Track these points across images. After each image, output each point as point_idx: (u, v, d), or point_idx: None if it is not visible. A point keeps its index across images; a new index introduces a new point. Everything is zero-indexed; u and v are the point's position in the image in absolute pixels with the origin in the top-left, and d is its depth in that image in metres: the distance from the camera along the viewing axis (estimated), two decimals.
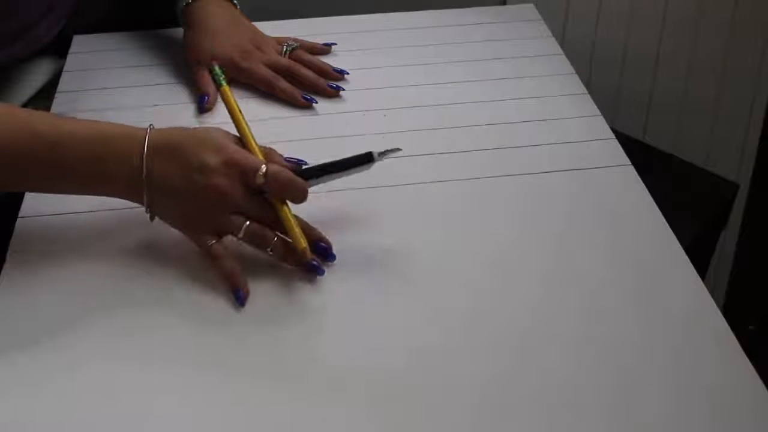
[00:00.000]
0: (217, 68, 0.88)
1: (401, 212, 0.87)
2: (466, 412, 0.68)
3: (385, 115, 1.00)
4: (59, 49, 1.10)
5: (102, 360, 0.72)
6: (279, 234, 0.78)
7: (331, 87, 1.03)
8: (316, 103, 1.02)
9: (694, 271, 0.80)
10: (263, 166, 0.77)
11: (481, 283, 0.79)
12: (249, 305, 0.77)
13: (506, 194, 0.89)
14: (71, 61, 1.09)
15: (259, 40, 1.06)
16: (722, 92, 1.51)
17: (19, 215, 0.86)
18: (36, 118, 0.79)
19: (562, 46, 1.13)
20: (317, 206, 0.80)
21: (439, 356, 0.72)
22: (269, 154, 0.81)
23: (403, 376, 0.71)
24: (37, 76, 1.08)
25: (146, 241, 0.82)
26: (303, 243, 0.77)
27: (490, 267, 0.81)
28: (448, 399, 0.69)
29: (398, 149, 0.80)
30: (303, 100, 1.01)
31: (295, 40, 1.08)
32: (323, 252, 0.79)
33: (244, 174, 0.77)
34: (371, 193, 0.88)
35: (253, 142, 0.81)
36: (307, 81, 1.04)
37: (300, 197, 0.78)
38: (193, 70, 1.04)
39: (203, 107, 1.00)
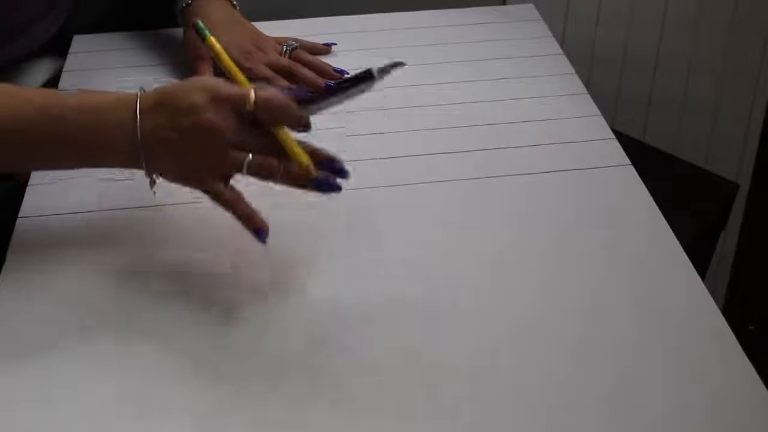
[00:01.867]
0: (199, 22, 0.86)
1: (401, 212, 0.87)
2: (466, 411, 0.68)
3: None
4: (59, 49, 1.10)
5: (101, 360, 0.72)
6: (285, 163, 0.75)
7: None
8: None
9: (694, 271, 0.80)
10: (252, 92, 0.74)
11: (481, 283, 0.79)
12: (249, 306, 0.77)
13: (506, 194, 0.89)
14: (71, 61, 1.09)
15: (259, 39, 1.06)
16: (722, 92, 1.51)
17: (19, 215, 0.86)
18: (35, 93, 0.78)
19: (562, 46, 1.13)
20: (317, 206, 0.80)
21: (438, 356, 0.72)
22: (263, 86, 0.77)
23: (403, 375, 0.71)
24: (37, 76, 1.08)
25: (146, 241, 0.82)
26: (305, 161, 0.74)
27: (490, 267, 0.81)
28: (447, 398, 0.69)
29: (400, 63, 0.76)
30: None
31: (295, 40, 1.08)
32: (336, 170, 0.76)
33: (234, 106, 0.74)
34: (371, 193, 0.88)
35: (243, 79, 0.79)
36: (306, 81, 1.04)
37: (296, 121, 0.75)
38: (193, 69, 1.04)
39: None
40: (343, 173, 0.76)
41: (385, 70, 0.75)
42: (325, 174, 0.75)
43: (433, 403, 0.69)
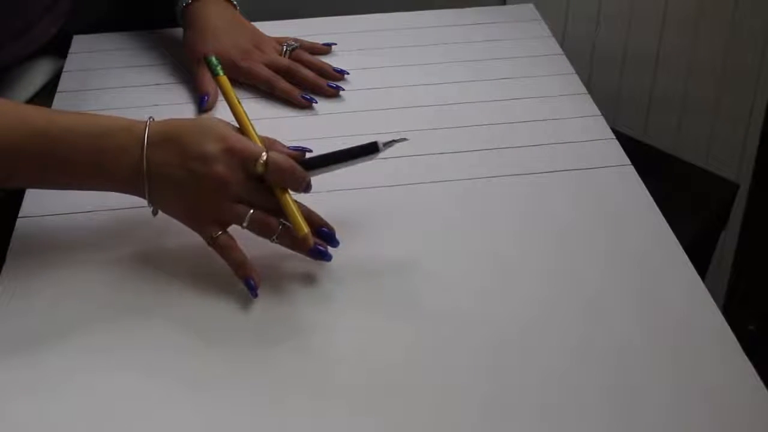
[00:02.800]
0: (213, 59, 0.87)
1: (401, 212, 0.87)
2: (466, 411, 0.68)
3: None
4: (59, 49, 1.10)
5: (101, 361, 0.72)
6: (284, 221, 0.77)
7: (331, 87, 1.03)
8: (316, 103, 1.02)
9: (694, 271, 0.80)
10: (264, 153, 0.76)
11: (481, 283, 0.79)
12: (248, 306, 0.77)
13: (506, 194, 0.89)
14: (71, 61, 1.09)
15: (259, 39, 1.06)
16: (722, 92, 1.51)
17: (19, 215, 0.86)
18: (34, 113, 0.78)
19: (562, 46, 1.13)
20: (317, 206, 0.80)
21: (438, 356, 0.72)
22: (271, 144, 0.81)
23: (403, 376, 0.71)
24: (37, 76, 1.08)
25: (146, 241, 0.82)
26: (304, 230, 0.76)
27: (490, 267, 0.81)
28: (447, 399, 0.69)
29: (404, 139, 0.79)
30: (303, 100, 1.01)
31: (296, 40, 1.08)
32: (327, 237, 0.79)
33: (244, 162, 0.76)
34: (371, 193, 0.88)
35: (252, 131, 0.80)
36: (307, 81, 1.04)
37: (300, 186, 0.77)
38: (193, 70, 1.04)
39: (203, 107, 1.00)
40: (332, 241, 0.79)
41: (389, 144, 0.78)
42: (318, 242, 0.78)
43: (433, 402, 0.69)
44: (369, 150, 0.79)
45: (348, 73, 1.05)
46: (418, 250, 0.82)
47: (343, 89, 1.04)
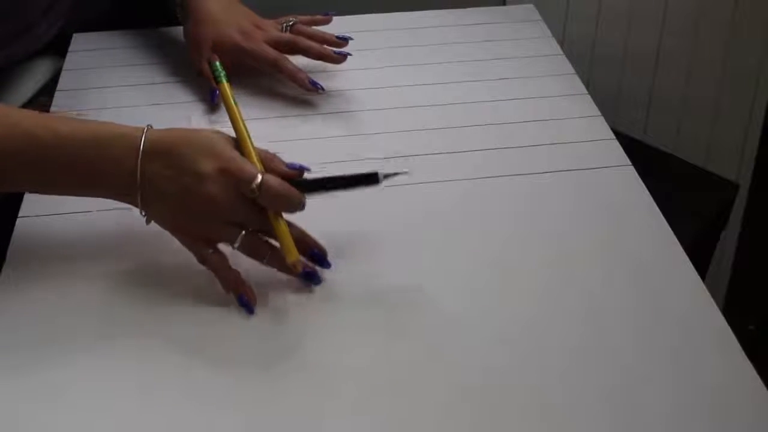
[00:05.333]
0: (217, 64, 0.85)
1: (401, 212, 0.87)
2: (466, 411, 0.68)
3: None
4: (59, 49, 1.10)
5: (101, 360, 0.72)
6: (274, 244, 0.76)
7: (338, 54, 1.02)
8: (323, 91, 1.00)
9: (694, 271, 0.80)
10: (258, 177, 0.74)
11: (481, 284, 0.79)
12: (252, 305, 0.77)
13: (506, 194, 0.89)
14: (70, 59, 1.09)
15: (258, 20, 1.05)
16: (722, 92, 1.51)
17: (19, 215, 0.86)
18: (30, 119, 0.77)
19: (562, 46, 1.13)
20: (316, 206, 0.80)
21: (438, 356, 0.72)
22: (269, 160, 0.78)
23: (403, 376, 0.71)
24: (37, 76, 1.08)
25: (146, 241, 0.82)
26: (293, 256, 0.75)
27: (490, 267, 0.81)
28: (447, 399, 0.69)
29: (405, 172, 0.77)
30: (310, 85, 1.00)
31: (293, 16, 1.07)
32: (318, 259, 0.78)
33: (238, 184, 0.74)
34: (371, 193, 0.88)
35: (250, 145, 0.78)
36: (311, 51, 1.02)
37: (295, 209, 0.76)
38: (198, 62, 1.02)
39: (214, 102, 0.99)
40: (323, 263, 0.78)
41: (390, 176, 0.77)
42: (309, 267, 0.77)
43: (432, 402, 0.69)
44: (369, 180, 0.77)
45: (352, 38, 1.03)
46: (418, 250, 0.82)
47: (350, 54, 1.02)
